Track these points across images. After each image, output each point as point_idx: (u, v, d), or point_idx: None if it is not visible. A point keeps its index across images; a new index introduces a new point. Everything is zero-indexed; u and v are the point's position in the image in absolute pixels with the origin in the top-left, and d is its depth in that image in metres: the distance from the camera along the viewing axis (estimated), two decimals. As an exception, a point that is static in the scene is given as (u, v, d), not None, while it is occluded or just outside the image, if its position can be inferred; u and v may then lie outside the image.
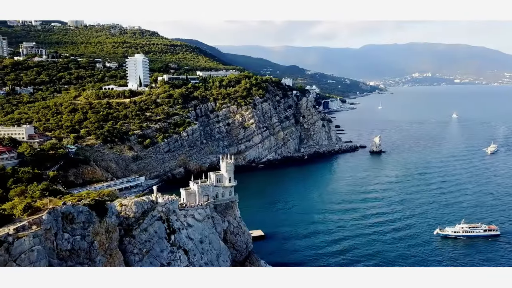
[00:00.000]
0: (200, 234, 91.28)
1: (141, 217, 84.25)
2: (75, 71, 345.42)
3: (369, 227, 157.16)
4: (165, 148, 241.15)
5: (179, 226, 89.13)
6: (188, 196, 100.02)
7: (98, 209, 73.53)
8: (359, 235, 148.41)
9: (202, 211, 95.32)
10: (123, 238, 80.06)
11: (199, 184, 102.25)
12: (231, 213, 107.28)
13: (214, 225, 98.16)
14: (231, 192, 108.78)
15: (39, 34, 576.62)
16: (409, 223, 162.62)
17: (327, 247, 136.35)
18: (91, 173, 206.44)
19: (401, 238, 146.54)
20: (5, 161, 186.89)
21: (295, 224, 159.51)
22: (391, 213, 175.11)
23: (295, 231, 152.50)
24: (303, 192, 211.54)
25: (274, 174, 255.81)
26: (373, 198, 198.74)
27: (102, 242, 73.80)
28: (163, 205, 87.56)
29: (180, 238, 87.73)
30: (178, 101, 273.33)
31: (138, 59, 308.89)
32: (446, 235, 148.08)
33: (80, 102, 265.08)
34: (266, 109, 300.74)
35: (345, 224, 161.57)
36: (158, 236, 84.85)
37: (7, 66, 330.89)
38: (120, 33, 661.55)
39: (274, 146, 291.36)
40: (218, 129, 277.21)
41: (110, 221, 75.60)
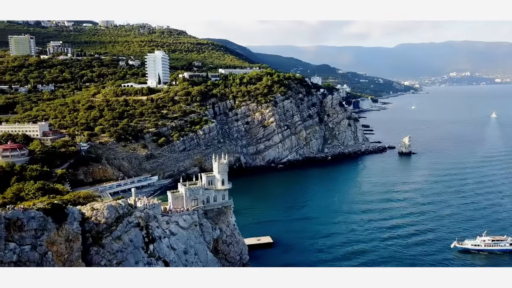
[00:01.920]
0: (184, 244, 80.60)
1: (114, 223, 74.38)
2: (98, 69, 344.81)
3: (384, 239, 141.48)
4: (181, 146, 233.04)
5: (160, 234, 78.71)
6: (175, 200, 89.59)
7: (56, 214, 64.01)
8: (373, 249, 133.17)
9: (188, 218, 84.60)
10: (90, 248, 70.35)
11: (186, 187, 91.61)
12: (224, 219, 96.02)
13: (202, 233, 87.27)
14: (225, 196, 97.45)
15: (70, 34, 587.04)
16: (427, 233, 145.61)
17: (337, 261, 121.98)
18: (102, 171, 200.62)
19: (413, 251, 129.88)
20: (15, 158, 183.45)
21: (309, 232, 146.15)
22: (410, 221, 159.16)
23: (308, 239, 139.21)
24: (323, 195, 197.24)
25: (293, 175, 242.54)
26: (396, 203, 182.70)
27: (60, 253, 64.22)
28: (141, 210, 77.37)
29: (160, 247, 77.27)
30: (196, 98, 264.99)
31: (157, 56, 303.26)
32: (465, 248, 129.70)
33: (98, 99, 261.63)
34: (287, 107, 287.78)
35: (361, 233, 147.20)
36: (134, 246, 74.68)
37: (32, 64, 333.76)
38: (148, 33, 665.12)
39: (296, 146, 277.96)
40: (237, 127, 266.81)
41: (71, 228, 65.96)
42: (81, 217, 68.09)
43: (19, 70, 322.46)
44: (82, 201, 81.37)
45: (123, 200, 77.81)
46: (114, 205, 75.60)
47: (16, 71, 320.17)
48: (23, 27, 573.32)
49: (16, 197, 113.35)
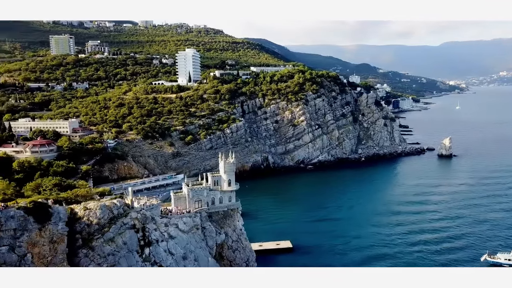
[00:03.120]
0: (183, 248, 74.84)
1: (107, 225, 69.69)
2: (131, 67, 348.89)
3: (411, 244, 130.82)
4: (207, 145, 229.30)
5: (158, 237, 73.34)
6: (178, 200, 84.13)
7: (38, 214, 59.77)
8: (396, 255, 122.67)
9: (188, 220, 78.76)
10: (79, 250, 65.90)
11: (189, 187, 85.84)
12: (230, 223, 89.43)
13: (204, 237, 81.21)
14: (231, 198, 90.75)
15: (110, 34, 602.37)
16: (458, 240, 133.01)
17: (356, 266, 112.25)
18: (127, 169, 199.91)
19: (438, 259, 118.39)
20: (44, 154, 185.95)
21: (332, 237, 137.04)
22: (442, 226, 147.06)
23: (330, 244, 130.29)
24: (352, 198, 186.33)
25: (323, 177, 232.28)
26: (429, 207, 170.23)
27: (42, 255, 59.93)
28: (138, 211, 72.29)
29: (156, 252, 71.88)
30: (225, 96, 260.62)
31: (188, 53, 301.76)
32: (497, 263, 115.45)
33: (128, 97, 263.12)
34: (319, 105, 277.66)
35: (386, 237, 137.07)
36: (128, 249, 69.66)
37: (69, 62, 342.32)
38: (185, 32, 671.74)
39: (327, 146, 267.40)
40: (265, 126, 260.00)
41: (56, 229, 61.57)
42: (67, 217, 63.65)
43: (57, 68, 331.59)
44: (80, 199, 77.56)
45: (119, 199, 73.05)
46: (108, 205, 70.98)
47: (54, 69, 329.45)
48: (67, 28, 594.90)
49: (37, 192, 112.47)
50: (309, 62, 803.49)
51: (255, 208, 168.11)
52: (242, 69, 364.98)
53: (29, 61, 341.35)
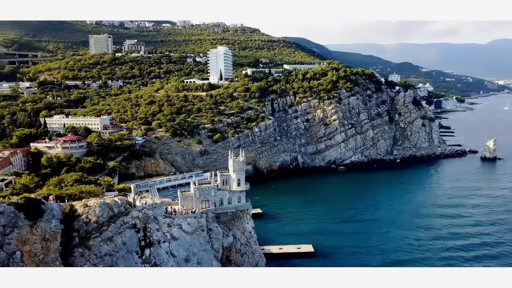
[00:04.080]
0: (186, 251, 70.90)
1: (106, 223, 66.86)
2: (165, 65, 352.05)
3: (441, 249, 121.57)
4: (235, 143, 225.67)
5: (160, 238, 69.81)
6: (184, 200, 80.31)
7: (29, 210, 57.51)
8: (424, 260, 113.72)
9: (193, 221, 74.65)
10: (74, 249, 63.37)
11: (196, 186, 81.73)
12: (239, 225, 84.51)
13: (210, 239, 76.90)
14: (240, 199, 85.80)
15: (148, 34, 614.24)
16: (493, 250, 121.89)
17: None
18: (154, 166, 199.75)
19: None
20: (74, 150, 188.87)
21: (358, 242, 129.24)
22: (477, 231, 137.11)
23: (355, 251, 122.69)
24: (384, 201, 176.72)
25: (355, 178, 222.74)
26: (466, 211, 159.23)
27: (33, 253, 57.64)
28: (140, 210, 69.02)
29: (157, 253, 68.37)
30: (255, 95, 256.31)
31: (220, 51, 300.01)
32: None
33: (159, 95, 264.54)
34: (353, 104, 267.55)
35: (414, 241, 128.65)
36: (127, 249, 66.56)
37: (106, 61, 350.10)
38: (222, 31, 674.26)
39: (361, 146, 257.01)
40: (296, 125, 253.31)
41: (48, 226, 59.16)
42: (61, 214, 61.13)
43: (94, 67, 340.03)
44: (85, 196, 75.45)
45: (120, 197, 70.09)
46: (109, 203, 68.18)
47: (91, 68, 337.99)
48: (108, 28, 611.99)
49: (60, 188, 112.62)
50: (348, 61, 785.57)
51: (279, 209, 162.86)
52: (276, 67, 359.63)
53: (68, 60, 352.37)
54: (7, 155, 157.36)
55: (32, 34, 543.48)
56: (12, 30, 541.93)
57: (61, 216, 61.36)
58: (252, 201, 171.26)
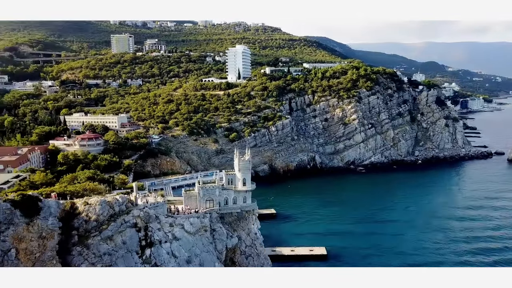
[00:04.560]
0: (188, 251, 68.91)
1: (106, 222, 65.55)
2: (185, 64, 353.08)
3: (457, 255, 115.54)
4: (251, 142, 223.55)
5: (161, 238, 68.06)
6: (188, 199, 78.34)
7: (26, 207, 56.59)
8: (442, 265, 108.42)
9: (196, 221, 72.59)
10: (73, 247, 62.25)
11: (200, 185, 79.65)
12: (244, 226, 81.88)
13: (213, 240, 74.69)
14: (246, 199, 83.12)
15: (170, 34, 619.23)
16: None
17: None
18: (170, 164, 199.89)
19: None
20: (91, 148, 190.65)
21: (374, 245, 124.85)
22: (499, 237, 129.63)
23: (369, 254, 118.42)
24: (404, 204, 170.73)
25: (375, 179, 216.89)
26: (489, 216, 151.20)
27: (29, 251, 56.71)
28: (141, 209, 67.47)
29: (158, 253, 66.65)
30: (273, 93, 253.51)
31: (238, 50, 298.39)
32: None
33: (177, 94, 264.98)
34: (373, 103, 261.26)
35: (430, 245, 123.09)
36: (127, 249, 65.03)
37: (126, 60, 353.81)
38: (243, 30, 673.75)
39: (381, 146, 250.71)
40: (314, 124, 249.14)
41: (45, 224, 58.14)
42: (58, 212, 60.07)
43: (115, 66, 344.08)
44: (87, 193, 74.55)
45: (121, 195, 68.69)
46: (110, 201, 66.86)
47: (112, 67, 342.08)
48: (131, 28, 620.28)
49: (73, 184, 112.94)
50: (372, 60, 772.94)
51: (294, 210, 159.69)
52: (295, 66, 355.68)
53: (90, 59, 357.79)
54: (25, 152, 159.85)
55: (57, 35, 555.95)
56: (39, 31, 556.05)
57: (59, 214, 60.33)
58: (266, 201, 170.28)
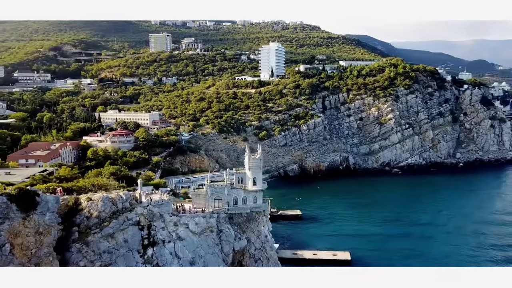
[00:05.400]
0: (192, 252, 65.84)
1: (107, 219, 63.72)
2: (219, 63, 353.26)
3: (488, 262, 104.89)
4: (281, 141, 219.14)
5: (165, 238, 65.48)
6: (196, 197, 75.27)
7: (23, 201, 55.48)
8: None
9: (201, 221, 69.33)
10: (72, 244, 60.81)
11: (208, 183, 76.33)
12: (254, 228, 77.65)
13: (220, 242, 71.12)
14: (256, 199, 78.83)
15: (208, 33, 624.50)
16: None
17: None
18: (198, 162, 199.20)
19: None
20: (122, 144, 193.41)
21: (403, 253, 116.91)
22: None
23: (397, 260, 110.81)
24: (440, 209, 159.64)
25: (411, 182, 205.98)
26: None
27: (25, 246, 55.62)
28: (145, 206, 65.17)
29: (161, 253, 64.09)
30: (305, 91, 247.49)
31: (271, 47, 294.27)
32: None
33: (209, 92, 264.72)
34: (411, 102, 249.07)
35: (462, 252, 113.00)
36: (128, 248, 62.92)
37: (162, 59, 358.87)
38: (281, 29, 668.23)
39: (419, 148, 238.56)
40: (348, 124, 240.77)
41: (42, 219, 56.87)
42: (56, 207, 58.68)
43: (151, 64, 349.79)
44: (95, 189, 73.28)
45: (125, 192, 66.65)
46: (113, 197, 65.03)
47: (148, 65, 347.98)
48: (171, 28, 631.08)
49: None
50: (415, 58, 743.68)
51: (321, 212, 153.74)
52: (332, 63, 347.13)
53: (128, 58, 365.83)
54: (57, 147, 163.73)
55: (100, 35, 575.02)
56: (83, 31, 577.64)
57: (61, 210, 59.01)
58: (293, 202, 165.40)
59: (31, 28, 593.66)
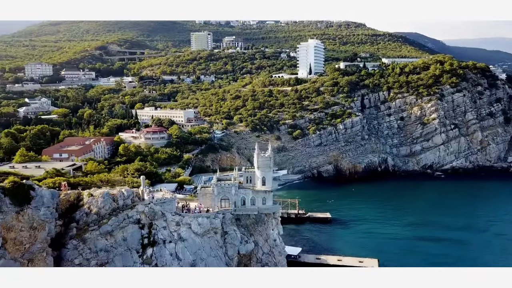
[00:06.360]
0: (193, 255, 62.27)
1: (107, 216, 61.63)
2: (258, 61, 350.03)
3: None
4: (316, 141, 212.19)
5: (166, 238, 62.48)
6: (203, 196, 71.57)
7: (17, 195, 54.33)
8: None
9: (205, 221, 65.47)
10: (69, 241, 59.18)
11: (215, 182, 72.31)
12: (263, 231, 72.64)
13: (224, 244, 66.94)
14: (266, 200, 73.66)
15: (251, 32, 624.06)
16: None
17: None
18: (230, 160, 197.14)
19: None
20: (155, 141, 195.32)
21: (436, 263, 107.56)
22: None
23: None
24: (484, 217, 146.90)
25: (454, 187, 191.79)
26: None
27: (18, 241, 54.48)
28: (146, 204, 62.53)
29: (160, 254, 61.16)
30: (344, 89, 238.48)
31: (310, 44, 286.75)
32: None
33: (245, 90, 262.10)
34: (458, 101, 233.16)
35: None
36: (127, 246, 60.49)
37: (202, 57, 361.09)
38: (325, 26, 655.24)
39: (465, 150, 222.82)
40: (388, 123, 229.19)
41: (36, 214, 55.50)
42: (52, 202, 57.15)
43: (191, 62, 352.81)
44: (101, 184, 71.71)
45: (127, 189, 64.26)
46: (114, 194, 62.84)
47: (188, 63, 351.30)
48: (214, 27, 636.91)
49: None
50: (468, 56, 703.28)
51: (352, 215, 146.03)
52: (374, 61, 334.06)
53: (169, 57, 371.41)
54: (90, 142, 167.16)
55: (146, 34, 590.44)
56: (130, 31, 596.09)
57: (53, 205, 57.47)
58: (325, 204, 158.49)
59: (82, 29, 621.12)
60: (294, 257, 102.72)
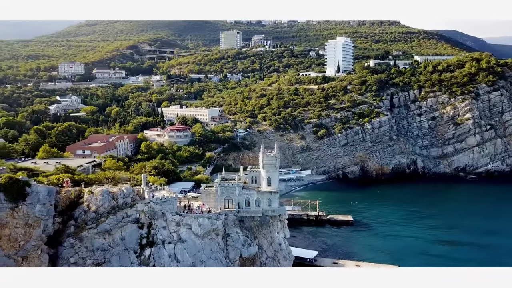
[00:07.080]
0: (193, 257, 59.78)
1: (106, 214, 60.14)
2: (286, 59, 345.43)
3: None
4: (342, 141, 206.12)
5: (165, 238, 60.39)
6: (206, 196, 68.86)
7: (11, 191, 53.55)
8: None
9: (205, 222, 62.70)
10: (66, 239, 58.05)
11: (218, 182, 69.37)
12: (267, 234, 69.05)
13: (226, 246, 63.98)
14: (271, 202, 69.91)
15: (281, 30, 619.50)
16: None
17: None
18: (252, 159, 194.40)
19: None
20: (178, 139, 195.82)
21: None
22: None
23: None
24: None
25: (489, 191, 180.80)
26: None
27: (13, 238, 53.76)
28: (146, 203, 60.62)
29: (159, 255, 59.08)
30: (372, 88, 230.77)
31: (338, 42, 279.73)
32: None
33: (271, 88, 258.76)
34: (495, 100, 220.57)
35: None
36: (125, 246, 58.81)
37: (230, 56, 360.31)
38: (358, 25, 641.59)
39: (502, 152, 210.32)
40: (419, 123, 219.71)
41: (31, 211, 54.57)
42: (48, 199, 56.05)
43: (219, 61, 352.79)
44: (105, 181, 70.48)
45: (127, 187, 62.54)
46: (114, 192, 61.26)
47: (216, 62, 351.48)
48: (245, 26, 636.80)
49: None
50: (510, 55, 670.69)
51: (376, 219, 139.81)
52: (407, 59, 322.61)
53: (197, 55, 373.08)
54: (113, 140, 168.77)
55: (177, 34, 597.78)
56: (162, 31, 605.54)
57: (49, 202, 56.43)
58: (348, 206, 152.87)
59: (116, 29, 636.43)
60: (309, 260, 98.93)
